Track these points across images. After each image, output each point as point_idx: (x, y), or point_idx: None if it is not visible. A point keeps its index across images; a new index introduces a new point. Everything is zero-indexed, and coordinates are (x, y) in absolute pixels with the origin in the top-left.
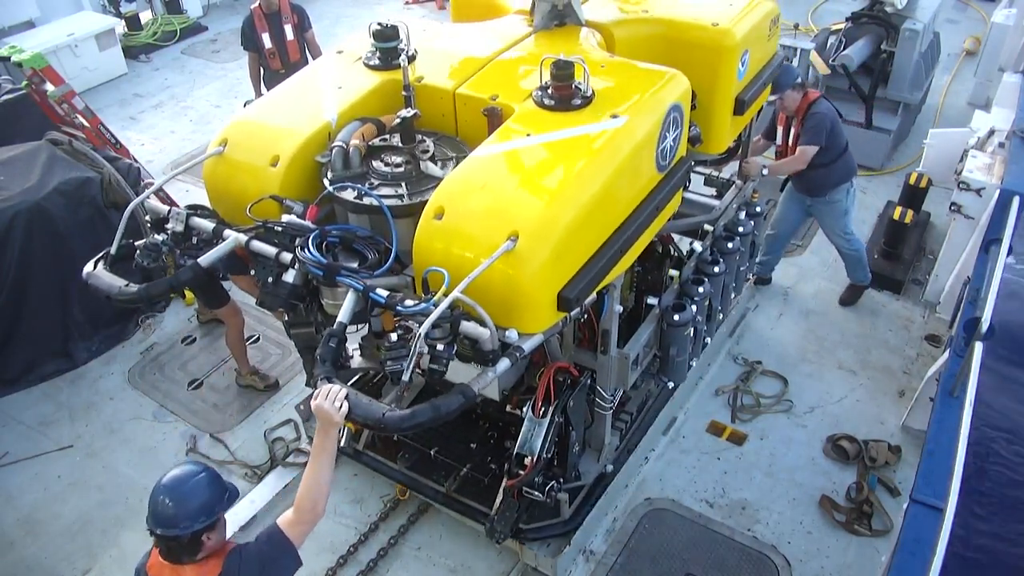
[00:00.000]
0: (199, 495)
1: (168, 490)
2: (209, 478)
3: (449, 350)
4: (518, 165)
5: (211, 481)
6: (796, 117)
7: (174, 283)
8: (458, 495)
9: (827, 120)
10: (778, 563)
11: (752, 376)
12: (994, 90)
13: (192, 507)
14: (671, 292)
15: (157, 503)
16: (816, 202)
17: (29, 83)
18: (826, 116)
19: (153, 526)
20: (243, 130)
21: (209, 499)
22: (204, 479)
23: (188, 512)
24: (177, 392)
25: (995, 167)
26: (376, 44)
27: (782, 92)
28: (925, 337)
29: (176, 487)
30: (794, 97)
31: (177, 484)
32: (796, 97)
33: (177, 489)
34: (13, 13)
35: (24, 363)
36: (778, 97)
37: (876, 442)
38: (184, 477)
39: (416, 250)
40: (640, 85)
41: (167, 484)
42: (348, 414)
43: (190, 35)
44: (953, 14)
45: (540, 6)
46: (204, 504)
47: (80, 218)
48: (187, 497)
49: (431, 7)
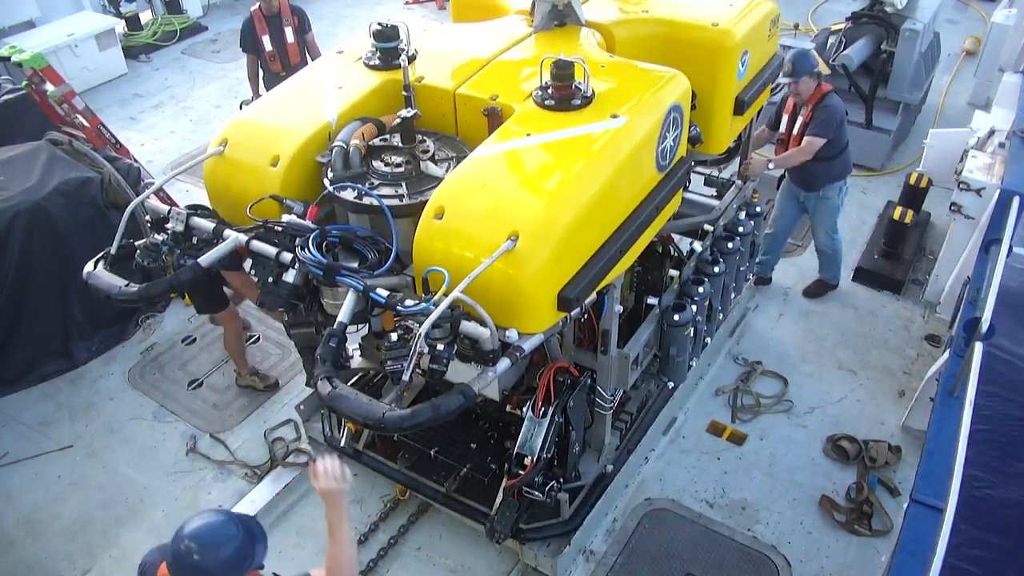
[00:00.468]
0: (228, 550)
1: (195, 539)
2: (241, 539)
3: (449, 350)
4: (518, 165)
5: (242, 543)
6: (807, 106)
7: (174, 283)
8: (458, 495)
9: (838, 114)
10: (778, 563)
11: (752, 376)
12: (994, 90)
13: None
14: (671, 292)
15: (181, 551)
16: (810, 196)
17: (29, 83)
18: (837, 110)
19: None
20: (243, 130)
21: (237, 558)
22: (237, 540)
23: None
24: (177, 392)
25: (995, 167)
26: (376, 44)
27: (798, 77)
28: (925, 337)
29: (206, 540)
30: (809, 85)
31: (208, 538)
32: (811, 85)
33: (206, 544)
34: (13, 13)
35: (24, 363)
36: (792, 82)
37: (876, 442)
38: (215, 530)
39: (416, 250)
40: (640, 85)
41: (195, 534)
42: (348, 415)
43: (190, 35)
44: (953, 14)
45: (540, 6)
46: (233, 560)
47: (80, 218)
48: (217, 548)
49: (431, 7)
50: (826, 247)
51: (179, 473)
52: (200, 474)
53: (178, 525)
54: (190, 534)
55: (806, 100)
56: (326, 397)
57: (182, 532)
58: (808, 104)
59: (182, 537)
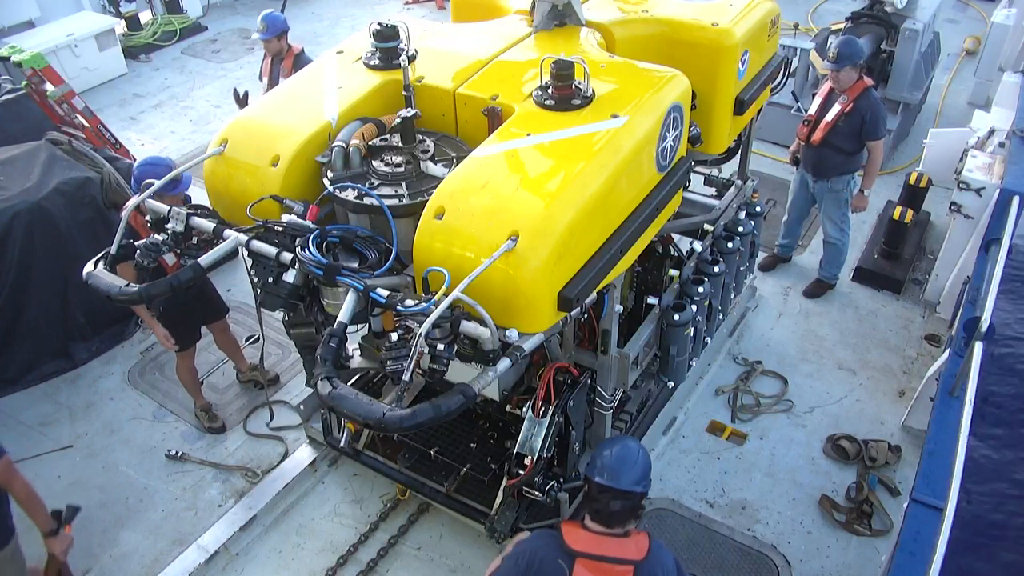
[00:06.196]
0: (641, 463)
1: (622, 450)
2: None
3: (449, 350)
4: (518, 165)
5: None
6: (847, 96)
7: (174, 283)
8: (458, 495)
9: (882, 109)
10: (778, 563)
11: (752, 376)
12: (994, 90)
13: (639, 471)
14: (671, 292)
15: (617, 461)
16: (819, 184)
17: (29, 83)
18: (881, 106)
19: (625, 485)
20: (243, 130)
21: (647, 468)
22: (643, 452)
23: (640, 474)
24: (177, 392)
25: (995, 167)
26: (376, 44)
27: (841, 66)
28: (925, 337)
29: (625, 453)
30: (851, 76)
31: (625, 451)
32: (852, 77)
33: (629, 453)
34: (13, 13)
35: (24, 363)
36: (834, 69)
37: (876, 442)
38: (625, 446)
39: (416, 250)
40: (640, 85)
41: (619, 449)
42: (348, 415)
43: (190, 35)
44: (953, 14)
45: (540, 6)
46: (645, 471)
47: (80, 218)
48: (635, 462)
49: (431, 7)
50: (835, 240)
51: (179, 473)
52: (200, 474)
53: (178, 525)
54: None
55: (844, 90)
56: (326, 397)
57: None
58: (849, 95)
59: None
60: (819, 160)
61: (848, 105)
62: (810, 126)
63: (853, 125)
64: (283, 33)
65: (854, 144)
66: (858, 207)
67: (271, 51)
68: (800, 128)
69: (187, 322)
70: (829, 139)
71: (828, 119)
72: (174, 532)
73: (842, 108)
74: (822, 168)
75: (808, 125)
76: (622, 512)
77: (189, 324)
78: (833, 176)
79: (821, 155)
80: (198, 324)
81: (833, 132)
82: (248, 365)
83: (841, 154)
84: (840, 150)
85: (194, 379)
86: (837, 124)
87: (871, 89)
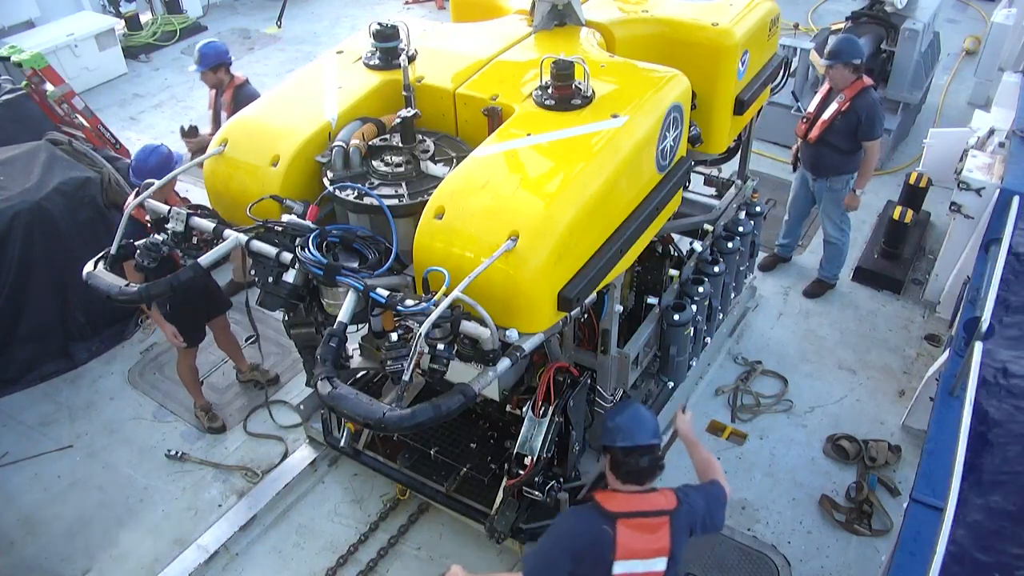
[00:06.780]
0: (650, 417)
1: (635, 411)
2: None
3: (449, 350)
4: (518, 165)
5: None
6: (844, 95)
7: (174, 283)
8: (458, 495)
9: (880, 110)
10: (778, 563)
11: (752, 376)
12: (994, 90)
13: (652, 425)
14: (671, 292)
15: (630, 422)
16: (819, 183)
17: (29, 83)
18: (879, 106)
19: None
20: (243, 130)
21: (655, 420)
22: (645, 408)
23: (653, 427)
24: (177, 392)
25: (995, 167)
26: (376, 44)
27: (836, 62)
28: (925, 337)
29: (634, 412)
30: (845, 76)
31: (633, 411)
32: (848, 77)
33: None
34: (13, 13)
35: (24, 363)
36: (827, 65)
37: (876, 442)
38: (630, 408)
39: (416, 250)
40: (640, 85)
41: (628, 412)
42: (348, 415)
43: (190, 35)
44: (953, 14)
45: (540, 6)
46: (655, 423)
47: (80, 218)
48: (645, 418)
49: (431, 7)
50: (835, 239)
51: (179, 473)
52: (200, 474)
53: (178, 525)
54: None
55: (840, 89)
56: (326, 397)
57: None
58: (846, 95)
59: None
60: (816, 158)
61: (845, 104)
62: (808, 123)
63: (849, 124)
64: (220, 66)
65: (850, 143)
66: (850, 206)
67: (209, 83)
68: (799, 125)
69: (194, 318)
70: (826, 137)
71: (825, 117)
72: (174, 532)
73: (839, 107)
74: (819, 166)
75: (807, 122)
76: (650, 467)
77: (196, 320)
78: (831, 175)
79: (818, 153)
80: (204, 320)
81: (830, 130)
82: (248, 365)
83: (838, 152)
84: (836, 148)
85: (195, 378)
86: (834, 122)
87: (870, 89)
